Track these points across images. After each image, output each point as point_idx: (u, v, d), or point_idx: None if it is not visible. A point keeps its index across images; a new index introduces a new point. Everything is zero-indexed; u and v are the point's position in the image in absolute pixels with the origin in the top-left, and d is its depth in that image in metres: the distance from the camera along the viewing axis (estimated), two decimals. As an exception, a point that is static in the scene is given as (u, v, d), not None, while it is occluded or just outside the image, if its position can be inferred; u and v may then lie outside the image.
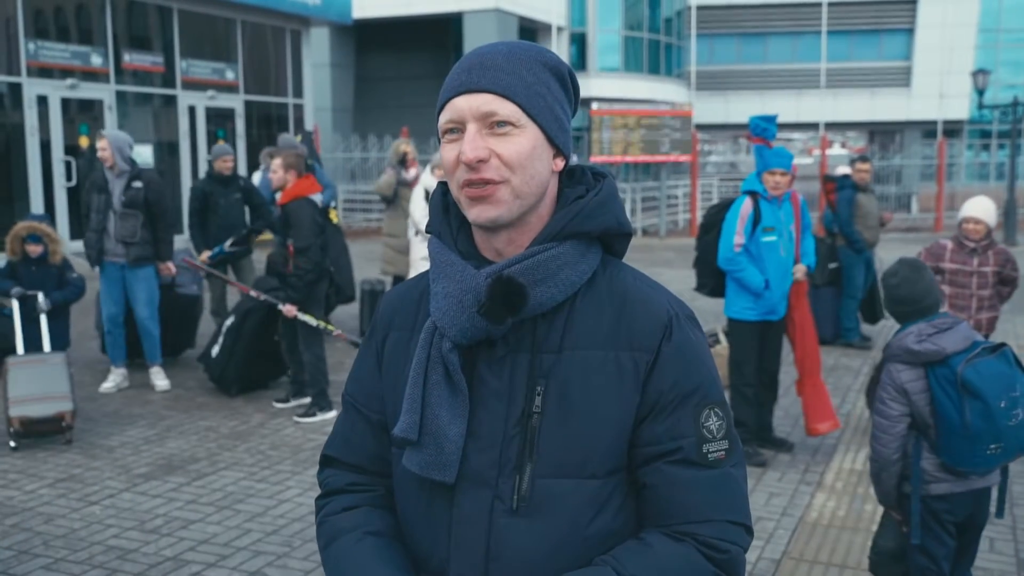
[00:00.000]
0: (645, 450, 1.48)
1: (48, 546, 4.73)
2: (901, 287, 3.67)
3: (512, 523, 1.45)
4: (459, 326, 1.46)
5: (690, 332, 1.52)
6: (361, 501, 1.62)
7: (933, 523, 3.59)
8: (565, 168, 1.54)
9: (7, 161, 14.64)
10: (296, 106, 20.17)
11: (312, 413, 6.93)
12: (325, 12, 20.03)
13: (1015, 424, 3.33)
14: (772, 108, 33.35)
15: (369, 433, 1.63)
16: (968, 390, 3.34)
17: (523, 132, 1.45)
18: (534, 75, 1.48)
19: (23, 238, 7.21)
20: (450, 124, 1.47)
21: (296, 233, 6.66)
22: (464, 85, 1.46)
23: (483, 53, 1.49)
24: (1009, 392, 3.33)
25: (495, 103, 1.44)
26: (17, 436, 6.26)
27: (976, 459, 3.41)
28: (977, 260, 5.84)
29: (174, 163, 17.39)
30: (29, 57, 14.73)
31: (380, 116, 29.27)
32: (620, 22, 31.88)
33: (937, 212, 22.49)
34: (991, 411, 3.31)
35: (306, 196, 6.76)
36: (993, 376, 3.34)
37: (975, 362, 3.36)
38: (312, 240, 6.64)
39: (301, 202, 6.70)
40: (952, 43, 36.23)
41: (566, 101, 1.54)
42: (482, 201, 1.45)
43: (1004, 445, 3.36)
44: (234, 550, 4.70)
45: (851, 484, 5.67)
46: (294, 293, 6.74)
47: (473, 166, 1.43)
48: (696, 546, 1.45)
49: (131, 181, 7.55)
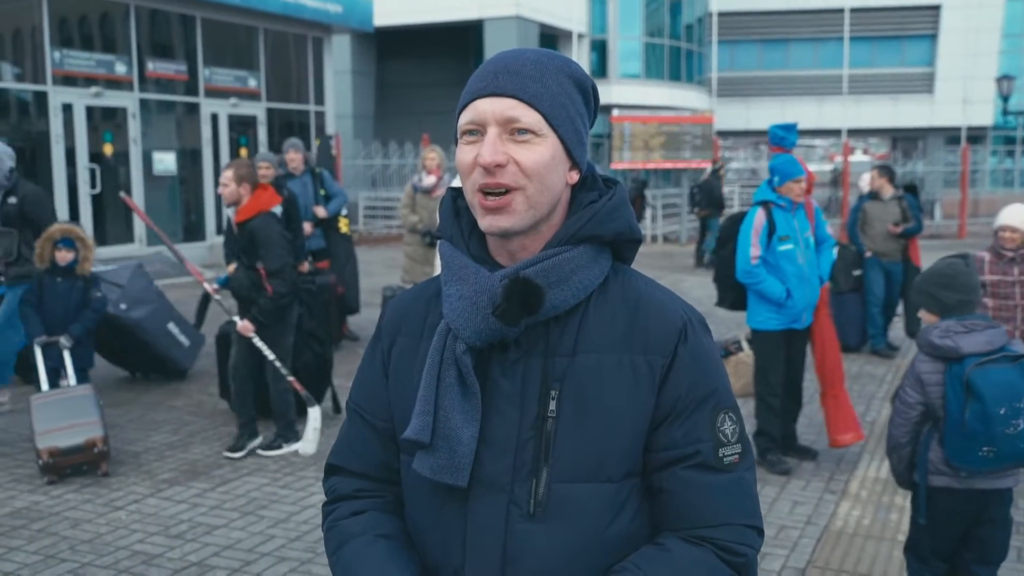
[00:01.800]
0: (662, 454, 1.48)
1: (74, 551, 4.76)
2: (950, 277, 3.69)
3: (529, 528, 1.45)
4: (473, 327, 1.46)
5: (703, 337, 1.54)
6: (369, 506, 1.61)
7: (939, 514, 3.69)
8: (579, 181, 1.55)
9: (33, 168, 14.78)
10: (318, 113, 20.26)
11: (277, 445, 6.33)
12: (347, 20, 20.12)
13: (1013, 433, 3.41)
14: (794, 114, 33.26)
15: (375, 441, 1.63)
16: (972, 391, 3.43)
17: (543, 141, 1.45)
18: (559, 85, 1.48)
19: (55, 241, 6.62)
20: (470, 125, 1.47)
21: (266, 254, 5.96)
22: (489, 88, 1.46)
23: (510, 58, 1.49)
24: (1013, 401, 3.40)
25: (519, 109, 1.44)
26: (47, 470, 5.72)
27: (969, 458, 3.50)
28: (1018, 269, 5.75)
29: (196, 170, 17.50)
30: (54, 66, 14.87)
31: (401, 123, 29.37)
32: (641, 29, 31.86)
33: (961, 219, 22.34)
34: (988, 415, 3.39)
35: (268, 210, 6.08)
36: (1000, 383, 3.41)
37: (987, 366, 3.44)
38: (286, 259, 6.02)
39: (266, 218, 6.03)
40: (976, 49, 36.01)
41: (587, 115, 1.54)
42: (496, 212, 1.45)
43: (996, 450, 3.44)
44: (258, 556, 4.71)
45: (876, 493, 5.63)
46: (263, 317, 6.05)
47: (490, 170, 1.43)
48: (714, 550, 1.46)
49: (6, 197, 6.91)
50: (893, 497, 5.55)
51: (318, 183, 9.46)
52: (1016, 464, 3.53)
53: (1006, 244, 5.69)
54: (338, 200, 9.57)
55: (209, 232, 17.56)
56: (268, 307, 6.03)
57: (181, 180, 17.36)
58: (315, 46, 20.08)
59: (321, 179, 9.51)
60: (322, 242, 9.44)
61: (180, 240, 17.07)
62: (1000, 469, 3.56)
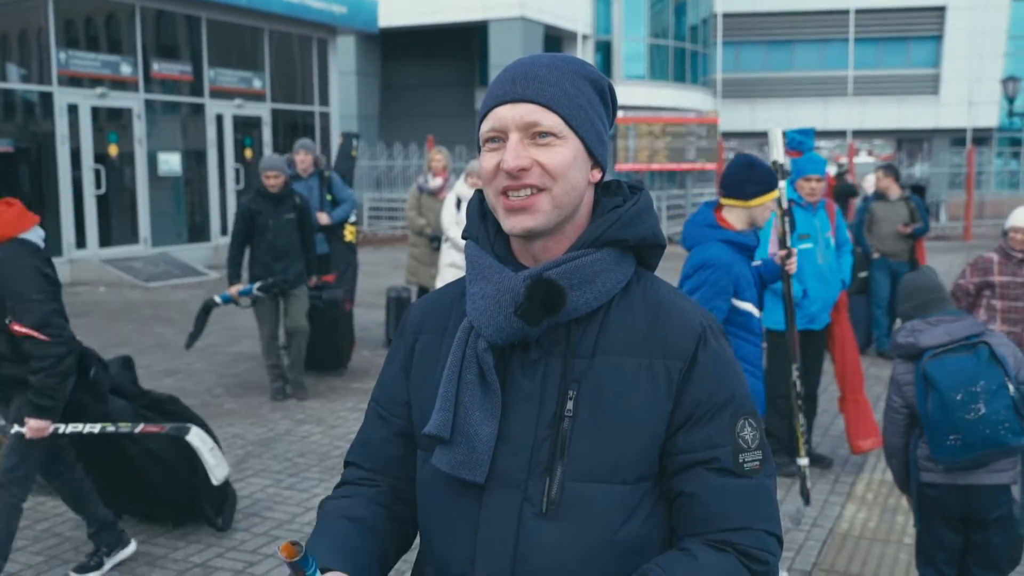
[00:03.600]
0: (680, 458, 1.48)
1: (78, 551, 4.75)
2: (904, 285, 3.90)
3: (541, 526, 1.46)
4: (495, 326, 1.47)
5: (722, 343, 1.55)
6: (359, 492, 1.64)
7: (930, 511, 3.74)
8: (601, 180, 1.57)
9: (38, 169, 14.81)
10: (323, 114, 20.28)
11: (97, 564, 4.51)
12: (351, 21, 20.14)
13: (973, 418, 3.43)
14: (798, 116, 33.25)
15: (389, 438, 1.65)
16: (928, 382, 3.51)
17: (565, 143, 1.47)
18: (576, 88, 1.50)
19: None
20: (492, 133, 1.49)
21: (16, 304, 3.94)
22: (508, 95, 1.48)
23: (527, 64, 1.51)
24: (968, 386, 3.45)
25: (538, 113, 1.46)
26: None
27: (940, 449, 3.53)
28: None
29: (202, 171, 17.52)
30: (60, 66, 14.90)
31: (406, 124, 29.40)
32: (646, 30, 31.86)
33: (966, 221, 22.30)
34: (946, 403, 3.45)
35: (16, 237, 4.03)
36: (954, 370, 3.48)
37: (942, 356, 3.52)
38: (50, 305, 4.00)
39: (10, 248, 3.99)
40: (981, 50, 35.95)
41: (605, 115, 1.56)
42: (521, 212, 1.47)
43: (962, 438, 3.46)
44: (262, 557, 4.71)
45: (882, 495, 5.61)
46: (47, 400, 4.04)
47: (514, 175, 1.45)
48: (737, 556, 1.45)
49: None
50: (899, 500, 5.53)
51: (325, 187, 8.96)
52: (989, 452, 3.49)
53: (1015, 246, 5.67)
54: (345, 207, 9.02)
55: (214, 233, 17.58)
56: (47, 384, 4.02)
57: (186, 181, 17.38)
58: (320, 47, 20.09)
59: (330, 183, 9.02)
60: (325, 247, 8.92)
61: (185, 241, 17.10)
62: (975, 458, 3.51)
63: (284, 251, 7.52)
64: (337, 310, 8.40)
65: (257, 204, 7.50)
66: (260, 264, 7.55)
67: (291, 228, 7.56)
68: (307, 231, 7.68)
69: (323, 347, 8.37)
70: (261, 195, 7.53)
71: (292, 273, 7.59)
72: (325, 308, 8.21)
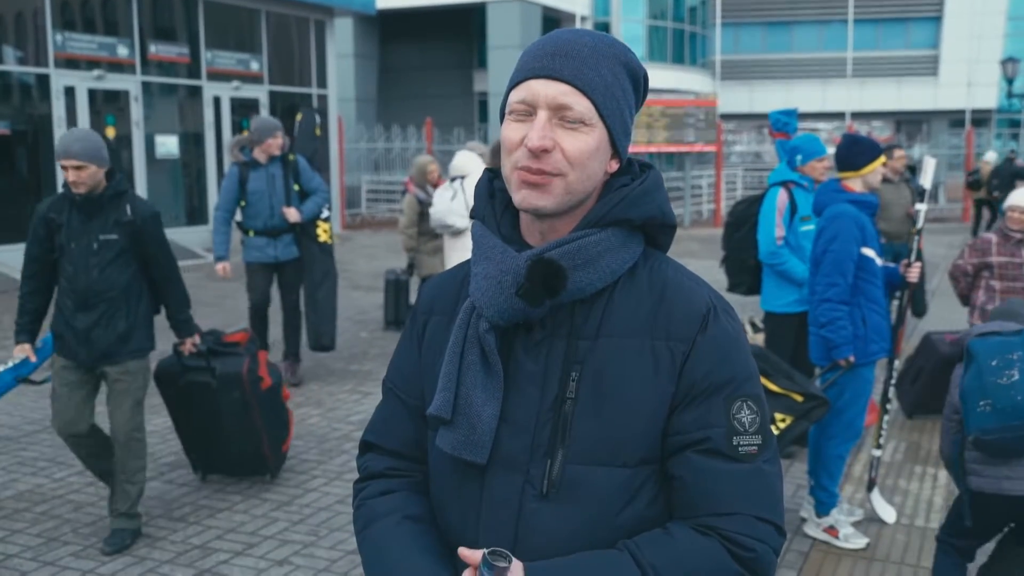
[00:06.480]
0: (674, 439, 1.46)
1: (77, 533, 4.77)
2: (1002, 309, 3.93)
3: (541, 508, 1.45)
4: (497, 307, 1.46)
5: (728, 324, 1.51)
6: (399, 486, 1.63)
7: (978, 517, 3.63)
8: (619, 170, 1.54)
9: (35, 152, 14.76)
10: (320, 96, 20.21)
11: None
12: (349, 2, 20.05)
13: (1006, 383, 3.36)
14: (798, 97, 33.15)
15: (407, 419, 1.64)
16: (969, 355, 3.48)
17: (591, 131, 1.45)
18: (613, 75, 1.47)
19: None
20: (522, 105, 1.45)
21: None
22: (545, 69, 1.44)
23: (568, 39, 1.47)
24: (1005, 353, 3.41)
25: (572, 96, 1.43)
26: None
27: (971, 417, 3.44)
28: None
29: (199, 153, 17.47)
30: (56, 48, 14.83)
31: (403, 106, 29.33)
32: (644, 11, 31.75)
33: (965, 202, 22.27)
34: (981, 369, 3.41)
35: None
36: (995, 343, 3.45)
37: (987, 336, 3.49)
38: None
39: None
40: (981, 31, 35.86)
41: (635, 104, 1.54)
42: (534, 188, 1.44)
43: (993, 403, 3.38)
44: (261, 539, 4.72)
45: (880, 476, 5.62)
46: None
47: (536, 154, 1.42)
48: (721, 541, 1.42)
49: None
50: (897, 480, 5.56)
51: (292, 174, 7.33)
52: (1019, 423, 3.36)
53: (1014, 225, 5.67)
54: (317, 199, 7.38)
55: (212, 216, 17.50)
56: None
57: (184, 164, 17.33)
58: (317, 29, 20.00)
59: (296, 169, 7.35)
60: (294, 250, 7.44)
61: (183, 224, 17.06)
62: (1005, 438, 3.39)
63: (92, 296, 4.43)
64: (240, 390, 5.18)
65: (57, 211, 4.44)
66: (58, 311, 4.57)
67: (111, 257, 4.43)
68: (159, 260, 4.61)
69: (233, 446, 5.36)
70: (67, 198, 4.43)
71: (105, 341, 4.47)
72: (221, 390, 5.16)
